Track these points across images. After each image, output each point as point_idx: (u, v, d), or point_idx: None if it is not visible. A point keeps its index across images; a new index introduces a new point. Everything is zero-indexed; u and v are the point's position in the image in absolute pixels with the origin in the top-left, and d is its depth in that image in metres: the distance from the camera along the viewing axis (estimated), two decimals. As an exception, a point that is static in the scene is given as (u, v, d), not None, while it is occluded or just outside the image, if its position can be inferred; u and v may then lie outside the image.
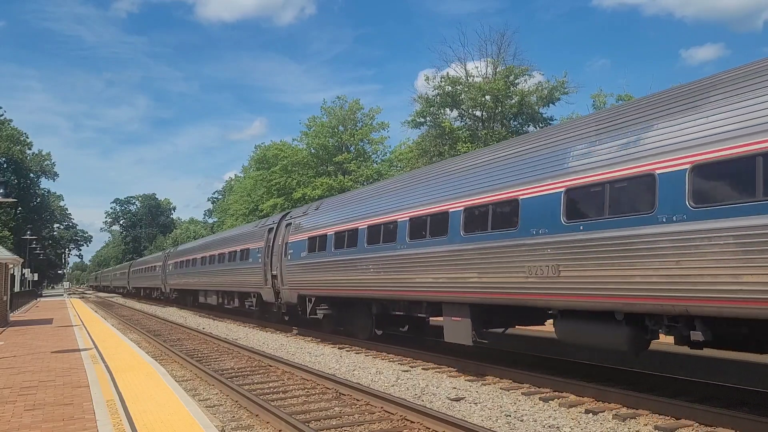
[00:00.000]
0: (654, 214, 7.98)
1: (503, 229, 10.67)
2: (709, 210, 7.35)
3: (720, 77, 8.13)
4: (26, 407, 8.82)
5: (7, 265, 27.62)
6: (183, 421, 7.82)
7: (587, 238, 8.92)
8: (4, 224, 67.32)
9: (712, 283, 7.29)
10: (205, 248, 35.09)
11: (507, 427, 8.34)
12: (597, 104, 34.93)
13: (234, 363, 14.75)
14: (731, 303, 7.14)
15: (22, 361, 13.90)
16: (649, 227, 8.03)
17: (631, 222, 8.32)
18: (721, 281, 7.19)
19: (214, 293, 32.12)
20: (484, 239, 11.12)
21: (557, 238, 9.44)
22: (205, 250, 34.75)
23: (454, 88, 35.00)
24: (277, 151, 51.24)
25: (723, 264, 7.17)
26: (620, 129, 9.01)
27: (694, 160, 7.63)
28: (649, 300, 8.09)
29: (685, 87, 8.69)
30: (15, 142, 76.42)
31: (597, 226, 8.82)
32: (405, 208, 14.03)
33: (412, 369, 13.16)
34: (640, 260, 8.12)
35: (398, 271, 13.94)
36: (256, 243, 25.19)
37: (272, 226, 23.77)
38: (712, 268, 7.28)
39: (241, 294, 27.59)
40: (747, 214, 6.97)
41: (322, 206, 20.27)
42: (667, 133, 8.16)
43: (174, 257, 44.00)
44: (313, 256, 18.82)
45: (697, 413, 8.17)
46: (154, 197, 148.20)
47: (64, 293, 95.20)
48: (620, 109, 9.93)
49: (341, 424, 8.62)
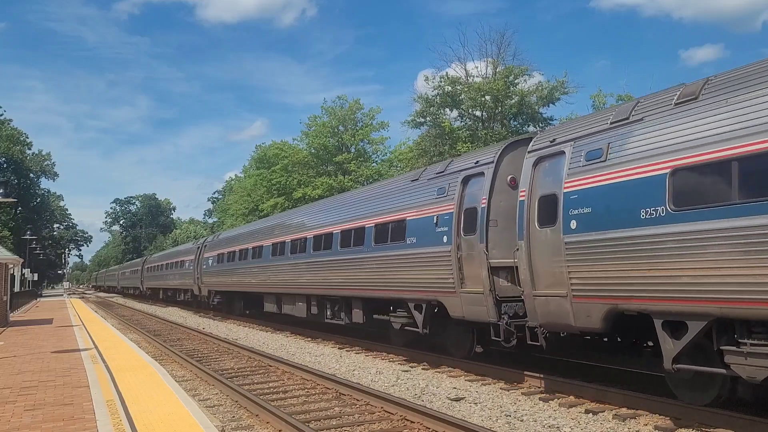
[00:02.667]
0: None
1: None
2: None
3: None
4: (26, 407, 8.82)
5: (7, 265, 27.61)
6: (183, 421, 7.83)
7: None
8: (4, 224, 67.33)
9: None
10: (283, 229, 22.98)
11: (507, 427, 8.34)
12: (597, 104, 34.96)
13: (234, 363, 14.75)
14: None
15: (22, 361, 13.89)
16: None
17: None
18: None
19: (302, 297, 20.19)
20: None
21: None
22: (284, 231, 22.69)
23: (454, 88, 35.03)
24: (277, 150, 51.27)
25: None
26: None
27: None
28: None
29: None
30: (15, 142, 76.36)
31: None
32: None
33: (412, 369, 13.16)
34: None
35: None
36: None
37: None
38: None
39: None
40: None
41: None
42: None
43: (215, 248, 32.48)
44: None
45: (697, 413, 8.17)
46: (154, 197, 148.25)
47: (64, 293, 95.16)
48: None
49: (341, 424, 8.63)
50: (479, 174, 11.88)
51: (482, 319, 11.29)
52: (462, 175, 12.32)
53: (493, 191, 11.43)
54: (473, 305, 11.46)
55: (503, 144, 12.10)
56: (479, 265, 11.27)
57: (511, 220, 10.64)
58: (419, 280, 13.06)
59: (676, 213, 7.55)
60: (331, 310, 18.04)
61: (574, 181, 9.16)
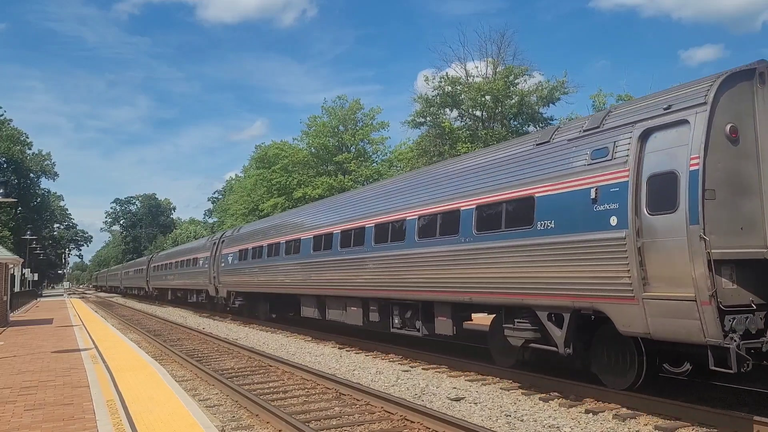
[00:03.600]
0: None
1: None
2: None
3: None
4: (26, 407, 8.82)
5: (7, 265, 27.62)
6: (183, 421, 7.83)
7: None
8: (4, 224, 67.33)
9: None
10: (329, 216, 19.12)
11: (507, 427, 8.34)
12: (597, 104, 34.93)
13: (234, 363, 14.75)
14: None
15: (23, 361, 13.90)
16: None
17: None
18: None
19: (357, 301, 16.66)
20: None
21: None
22: (330, 220, 18.80)
23: (454, 88, 35.02)
24: (277, 150, 51.26)
25: None
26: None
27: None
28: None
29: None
30: (15, 142, 76.37)
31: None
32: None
33: (412, 369, 13.16)
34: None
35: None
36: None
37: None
38: None
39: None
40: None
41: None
42: None
43: (236, 243, 28.45)
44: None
45: (697, 413, 8.18)
46: (154, 197, 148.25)
47: (64, 293, 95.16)
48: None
49: (341, 424, 8.63)
50: (676, 123, 8.28)
51: (691, 338, 7.77)
52: (639, 128, 8.71)
53: (708, 146, 7.85)
54: (672, 317, 7.95)
55: (719, 77, 8.22)
56: (686, 258, 7.74)
57: (737, 190, 8.00)
58: (559, 280, 9.51)
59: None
60: (401, 318, 14.59)
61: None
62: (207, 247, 33.78)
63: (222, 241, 31.13)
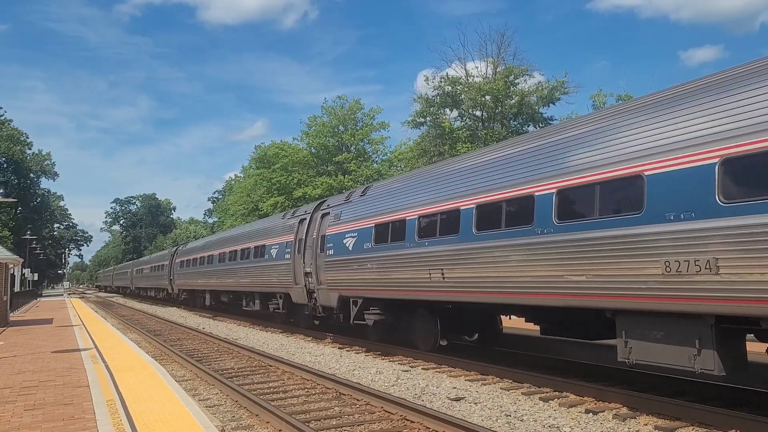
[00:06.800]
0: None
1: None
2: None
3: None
4: (26, 407, 8.82)
5: (7, 265, 27.61)
6: (183, 421, 7.82)
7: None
8: (4, 224, 67.35)
9: None
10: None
11: (507, 427, 8.34)
12: (597, 104, 34.93)
13: (234, 363, 14.75)
14: None
15: (23, 361, 13.90)
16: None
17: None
18: None
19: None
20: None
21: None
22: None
23: (454, 88, 35.02)
24: (277, 150, 51.23)
25: None
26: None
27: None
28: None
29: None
30: (15, 142, 76.45)
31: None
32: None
33: (412, 369, 13.16)
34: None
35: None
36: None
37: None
38: None
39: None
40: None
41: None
42: None
43: (345, 217, 18.54)
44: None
45: (697, 413, 8.18)
46: (155, 197, 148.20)
47: (64, 293, 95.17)
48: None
49: (341, 424, 8.62)
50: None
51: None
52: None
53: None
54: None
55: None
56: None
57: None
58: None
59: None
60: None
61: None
62: (285, 228, 22.15)
63: (315, 217, 19.62)
